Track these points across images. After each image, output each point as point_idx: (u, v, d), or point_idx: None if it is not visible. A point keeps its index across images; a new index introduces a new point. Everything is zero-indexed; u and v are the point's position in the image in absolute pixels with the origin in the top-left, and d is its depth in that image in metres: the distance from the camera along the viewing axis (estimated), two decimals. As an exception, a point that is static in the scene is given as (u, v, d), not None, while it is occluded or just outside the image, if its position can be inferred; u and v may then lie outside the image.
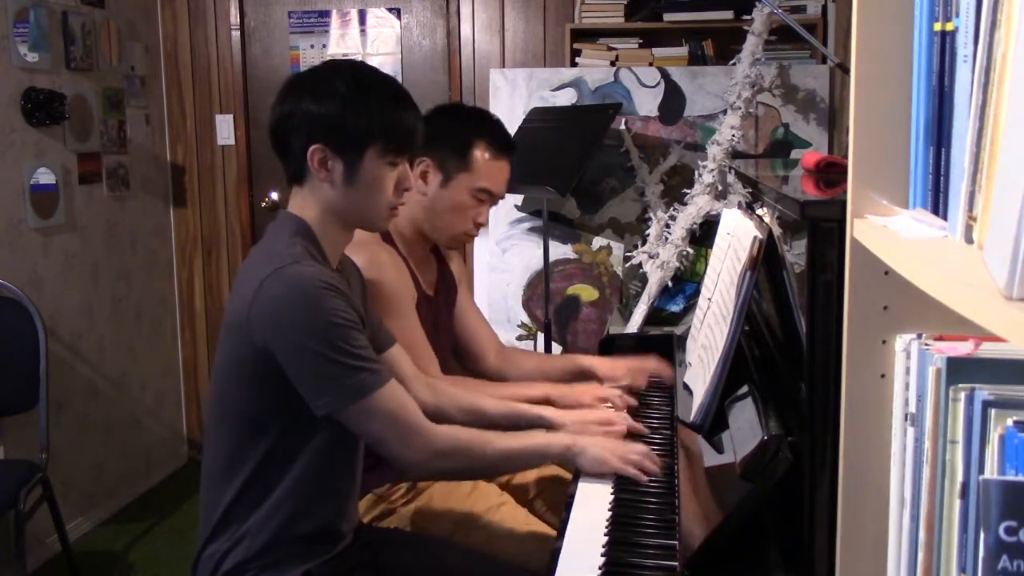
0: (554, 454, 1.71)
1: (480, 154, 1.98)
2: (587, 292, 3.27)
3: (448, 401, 1.84)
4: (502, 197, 2.08)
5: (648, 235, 3.00)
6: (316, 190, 1.59)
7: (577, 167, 2.78)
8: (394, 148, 1.58)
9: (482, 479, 1.97)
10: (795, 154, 3.11)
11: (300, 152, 1.56)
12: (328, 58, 4.05)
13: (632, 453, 1.67)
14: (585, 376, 2.15)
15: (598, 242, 3.24)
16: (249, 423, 1.57)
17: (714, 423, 1.63)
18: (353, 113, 1.55)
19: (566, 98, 3.24)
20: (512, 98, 3.25)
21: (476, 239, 3.39)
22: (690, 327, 2.05)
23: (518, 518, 1.93)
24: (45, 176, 3.36)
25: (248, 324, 1.50)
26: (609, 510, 1.55)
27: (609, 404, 1.96)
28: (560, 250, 3.24)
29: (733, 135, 2.87)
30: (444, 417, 1.81)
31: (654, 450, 1.80)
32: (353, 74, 1.60)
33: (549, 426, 1.82)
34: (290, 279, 1.49)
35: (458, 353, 2.22)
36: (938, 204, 0.83)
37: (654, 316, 2.92)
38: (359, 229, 1.68)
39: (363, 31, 4.09)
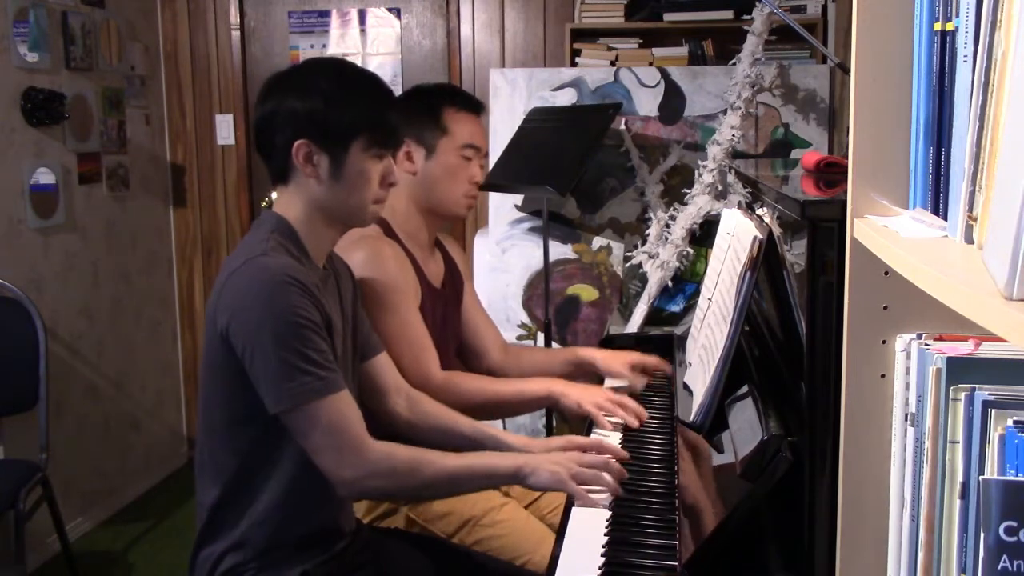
0: (502, 474, 1.61)
1: (453, 116, 2.05)
2: (587, 292, 3.27)
3: (423, 418, 1.80)
4: (487, 151, 2.15)
5: (648, 235, 3.00)
6: (301, 187, 1.59)
7: (577, 167, 2.77)
8: (379, 141, 1.59)
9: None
10: (795, 154, 3.11)
11: (285, 149, 1.56)
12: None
13: (586, 469, 1.57)
14: (585, 368, 2.15)
15: (598, 242, 3.24)
16: (227, 421, 1.55)
17: (714, 423, 1.63)
18: (337, 108, 1.56)
19: (566, 98, 3.23)
20: (512, 98, 3.24)
21: (476, 239, 3.42)
22: (690, 327, 2.05)
23: (519, 519, 1.93)
24: (45, 176, 3.36)
25: (215, 315, 1.50)
26: (609, 510, 1.55)
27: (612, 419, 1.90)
28: (560, 250, 3.23)
29: (733, 135, 2.87)
30: (415, 433, 1.79)
31: (654, 450, 1.81)
32: (335, 70, 1.62)
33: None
34: (255, 270, 1.48)
35: (460, 349, 2.21)
36: (938, 204, 0.83)
37: (654, 316, 2.92)
38: (346, 225, 1.66)
39: (363, 31, 4.09)
